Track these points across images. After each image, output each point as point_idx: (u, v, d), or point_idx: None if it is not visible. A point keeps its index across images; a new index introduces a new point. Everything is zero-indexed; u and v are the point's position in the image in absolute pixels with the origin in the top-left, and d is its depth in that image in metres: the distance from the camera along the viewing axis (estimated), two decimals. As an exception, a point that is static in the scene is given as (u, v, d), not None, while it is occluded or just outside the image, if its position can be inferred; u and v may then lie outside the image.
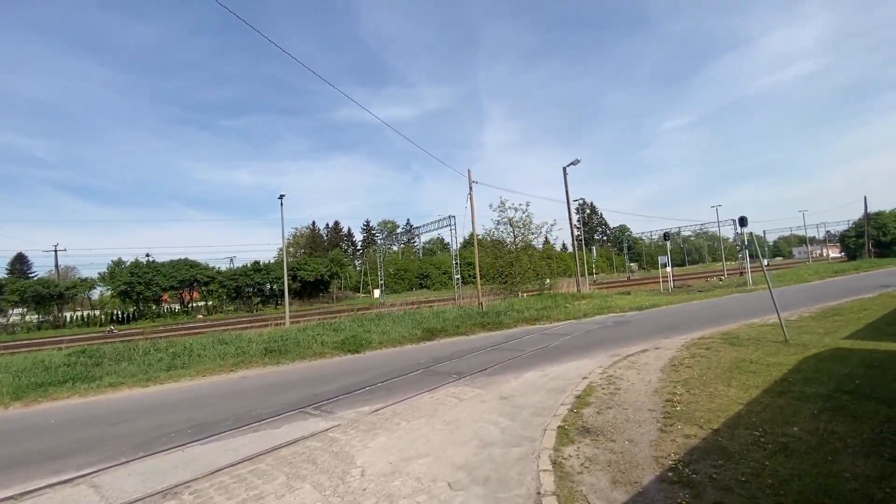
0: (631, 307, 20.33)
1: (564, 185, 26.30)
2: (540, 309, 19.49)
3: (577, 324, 16.66)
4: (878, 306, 14.65)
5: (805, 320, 12.89)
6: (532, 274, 27.08)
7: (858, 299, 17.09)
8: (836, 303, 16.51)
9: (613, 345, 11.69)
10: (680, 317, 16.47)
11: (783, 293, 22.32)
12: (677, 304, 21.04)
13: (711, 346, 10.19)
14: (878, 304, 15.05)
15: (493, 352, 12.07)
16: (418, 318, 16.68)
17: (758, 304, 18.19)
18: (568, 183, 26.29)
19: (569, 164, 26.14)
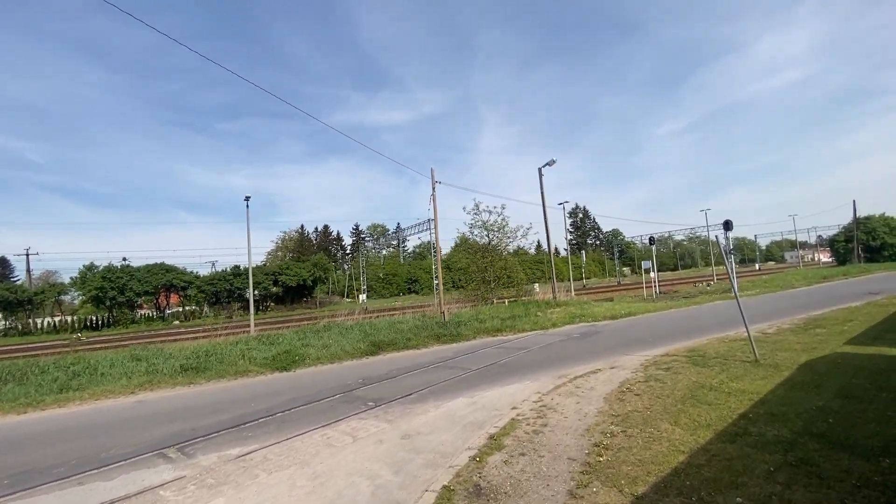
0: (605, 316, 19.06)
1: (540, 187, 25.13)
2: (506, 318, 18.16)
3: (542, 335, 15.35)
4: (864, 316, 13.45)
5: (783, 333, 11.64)
6: (506, 280, 25.79)
7: (844, 308, 15.92)
8: (820, 312, 15.31)
9: (567, 362, 10.38)
10: (652, 328, 15.20)
11: (767, 301, 21.14)
12: (655, 313, 19.79)
13: (673, 365, 8.90)
14: (863, 315, 13.84)
15: (432, 371, 10.71)
16: (368, 329, 15.30)
17: (737, 313, 16.95)
18: (544, 184, 25.10)
19: (544, 165, 24.97)
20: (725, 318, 15.62)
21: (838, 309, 15.72)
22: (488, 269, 25.55)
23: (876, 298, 18.16)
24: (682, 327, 14.67)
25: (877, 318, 12.94)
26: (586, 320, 18.39)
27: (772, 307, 18.22)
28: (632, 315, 19.34)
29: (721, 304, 21.74)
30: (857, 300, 18.12)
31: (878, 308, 15.03)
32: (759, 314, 16.14)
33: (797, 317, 14.65)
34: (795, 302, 19.66)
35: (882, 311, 14.23)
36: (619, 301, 28.31)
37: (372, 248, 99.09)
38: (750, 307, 18.52)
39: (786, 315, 15.25)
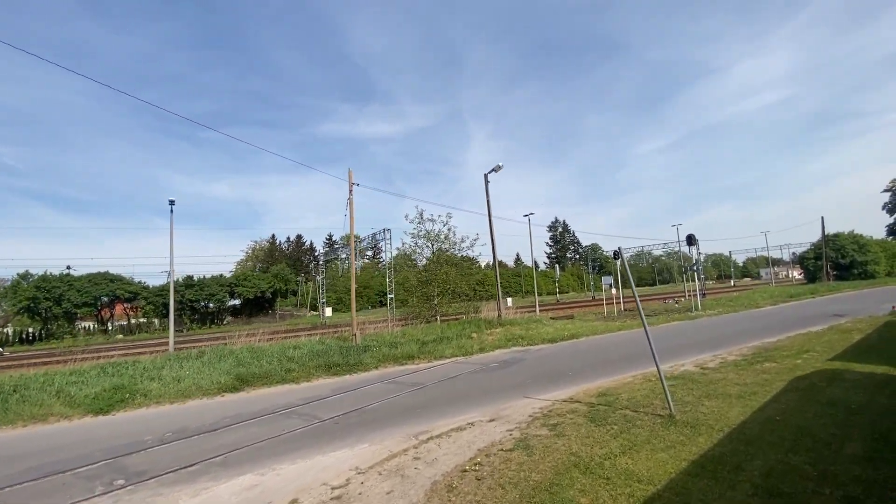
0: (546, 339, 16.87)
1: (486, 194, 23.09)
2: (430, 342, 15.83)
3: (458, 364, 13.05)
4: (823, 346, 11.52)
5: (725, 369, 9.56)
6: (450, 296, 23.51)
7: (804, 333, 14.04)
8: (776, 339, 13.38)
9: (447, 410, 8.07)
10: (583, 356, 13.03)
11: (725, 323, 19.28)
12: (602, 335, 17.70)
13: (564, 420, 6.66)
14: (822, 344, 11.92)
15: (276, 420, 8.27)
16: (248, 357, 12.76)
17: (684, 339, 14.99)
18: (489, 192, 23.05)
19: (490, 171, 22.97)
20: (671, 346, 13.58)
21: (797, 335, 13.83)
22: (431, 283, 23.26)
23: (839, 322, 16.40)
24: (617, 356, 12.54)
25: (836, 349, 11.00)
26: (522, 344, 16.18)
27: (726, 331, 16.30)
28: (575, 338, 17.20)
29: (678, 325, 19.81)
30: (820, 323, 16.33)
31: (839, 335, 13.16)
32: (709, 340, 14.17)
33: (749, 344, 12.68)
34: (754, 325, 17.80)
35: (843, 340, 12.33)
36: (579, 319, 26.30)
37: (346, 259, 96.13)
38: (703, 331, 16.67)
39: (738, 341, 13.28)
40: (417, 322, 23.13)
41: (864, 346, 11.20)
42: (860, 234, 50.60)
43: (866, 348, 10.87)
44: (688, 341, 14.17)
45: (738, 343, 13.04)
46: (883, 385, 7.57)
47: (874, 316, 17.44)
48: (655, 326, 19.51)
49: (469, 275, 24.91)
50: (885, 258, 51.03)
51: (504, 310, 28.89)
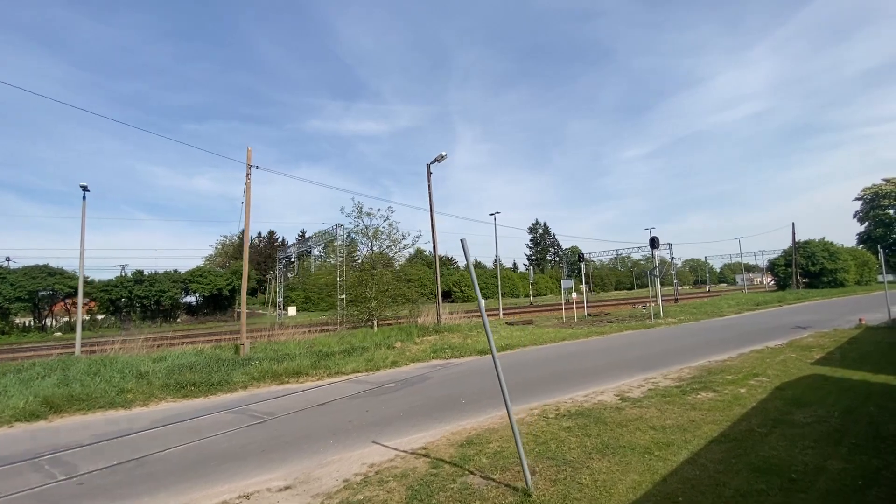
0: (479, 350, 14.73)
1: (428, 187, 20.93)
2: (338, 353, 13.56)
3: (353, 383, 10.80)
4: (777, 369, 9.63)
5: (647, 402, 7.52)
6: (389, 300, 21.22)
7: (759, 350, 12.22)
8: (726, 356, 11.51)
9: (249, 464, 5.83)
10: (495, 378, 10.91)
11: (679, 334, 17.45)
12: (544, 346, 15.66)
13: (374, 497, 4.49)
14: (777, 365, 10.04)
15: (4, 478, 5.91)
16: (77, 372, 10.28)
17: (623, 355, 13.02)
18: (432, 183, 20.90)
19: (433, 161, 20.84)
20: (603, 363, 11.59)
21: (751, 352, 11.98)
22: (369, 283, 20.96)
23: (801, 336, 14.68)
24: (540, 376, 10.45)
25: (791, 374, 9.10)
26: (446, 355, 14.01)
27: (676, 344, 14.42)
28: (510, 349, 15.12)
29: (629, 335, 17.91)
30: (780, 337, 14.59)
31: (797, 354, 11.33)
32: (651, 356, 12.23)
33: (694, 363, 10.76)
34: (709, 337, 15.98)
35: (800, 360, 10.49)
36: (537, 325, 24.33)
37: (318, 257, 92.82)
38: (651, 344, 14.65)
39: (683, 359, 11.36)
40: (346, 327, 20.85)
41: (822, 371, 9.32)
42: (831, 241, 50.08)
43: (824, 376, 8.97)
44: (625, 358, 12.19)
45: (681, 361, 11.09)
46: (840, 434, 5.60)
47: (839, 329, 15.80)
48: (604, 337, 17.58)
49: (410, 275, 22.59)
50: (855, 266, 50.60)
51: (460, 315, 26.82)
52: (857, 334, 14.35)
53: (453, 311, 26.81)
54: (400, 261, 23.22)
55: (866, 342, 12.74)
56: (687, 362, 10.95)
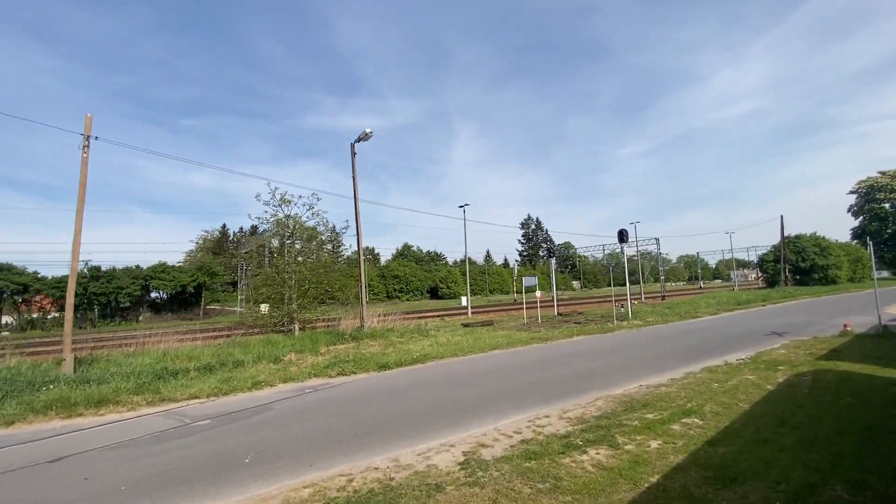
0: (381, 364, 12.09)
1: (352, 169, 18.22)
2: (199, 369, 10.91)
3: (163, 417, 8.13)
4: (723, 400, 7.02)
5: (496, 471, 4.88)
6: (312, 299, 18.52)
7: (712, 368, 9.62)
8: (666, 378, 8.91)
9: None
10: (347, 414, 8.23)
11: (634, 342, 14.82)
12: (461, 358, 13.02)
13: None
14: (726, 394, 7.43)
15: None
16: None
17: (554, 371, 10.37)
18: (356, 165, 18.20)
19: (357, 140, 18.13)
20: (506, 389, 8.97)
21: (702, 371, 9.38)
22: (281, 283, 18.26)
23: (773, 346, 12.08)
24: (392, 413, 7.80)
25: (736, 411, 6.49)
26: (333, 373, 11.35)
27: (619, 357, 11.80)
28: (423, 361, 12.48)
29: (579, 342, 15.29)
30: (748, 347, 12.02)
31: (758, 376, 8.71)
32: (579, 375, 9.63)
33: (619, 389, 8.16)
34: (664, 347, 13.37)
35: (758, 386, 7.88)
36: (499, 325, 21.82)
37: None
38: (591, 356, 11.44)
39: (609, 382, 8.75)
40: (242, 333, 18.20)
41: (781, 409, 6.69)
42: (823, 236, 47.57)
43: (780, 416, 6.34)
44: (541, 379, 9.54)
45: (606, 386, 8.48)
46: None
47: (820, 337, 13.21)
48: (548, 344, 14.96)
49: (339, 273, 19.80)
50: (848, 262, 48.16)
51: (397, 317, 24.26)
52: (840, 343, 11.74)
53: (390, 312, 24.00)
54: (331, 256, 20.48)
55: (851, 353, 10.12)
56: (611, 388, 8.34)
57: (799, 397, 7.16)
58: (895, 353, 10.20)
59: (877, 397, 6.95)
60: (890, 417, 6.02)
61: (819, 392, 7.38)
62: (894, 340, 11.79)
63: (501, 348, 14.33)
